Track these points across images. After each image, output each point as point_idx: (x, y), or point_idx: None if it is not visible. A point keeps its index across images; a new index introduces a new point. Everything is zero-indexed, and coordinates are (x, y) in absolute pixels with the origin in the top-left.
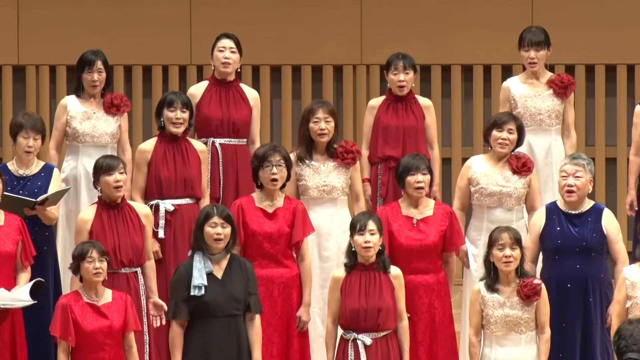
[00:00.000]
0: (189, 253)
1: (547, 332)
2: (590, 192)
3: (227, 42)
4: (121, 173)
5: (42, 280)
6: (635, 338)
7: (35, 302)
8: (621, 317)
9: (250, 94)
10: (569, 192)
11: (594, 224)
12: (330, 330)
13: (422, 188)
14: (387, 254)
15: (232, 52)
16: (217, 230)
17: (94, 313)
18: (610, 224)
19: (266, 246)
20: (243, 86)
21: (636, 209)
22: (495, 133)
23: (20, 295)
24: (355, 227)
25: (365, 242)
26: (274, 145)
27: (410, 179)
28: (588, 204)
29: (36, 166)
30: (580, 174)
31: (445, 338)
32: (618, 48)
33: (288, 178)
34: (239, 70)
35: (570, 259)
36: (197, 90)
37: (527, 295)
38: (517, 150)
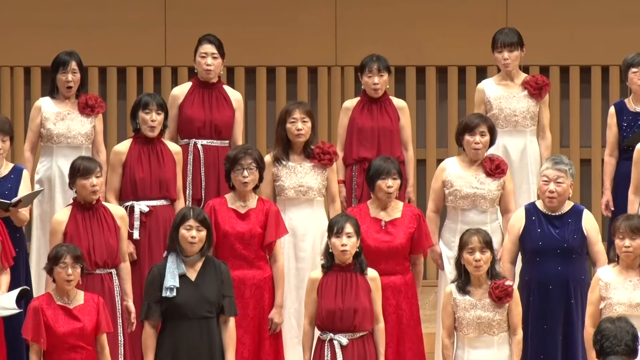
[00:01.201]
0: (164, 254)
1: (519, 333)
2: (570, 195)
3: (209, 48)
4: (97, 177)
5: (28, 288)
6: (618, 339)
7: (21, 310)
8: (595, 318)
9: (233, 95)
10: (550, 198)
11: (575, 225)
12: (307, 331)
13: (391, 193)
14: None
15: (214, 57)
16: (192, 233)
17: (65, 315)
18: (591, 225)
19: (238, 247)
20: (226, 88)
21: (612, 209)
22: (467, 137)
23: (5, 304)
24: (333, 229)
25: (342, 245)
26: (245, 147)
27: (380, 183)
28: (567, 205)
29: (5, 168)
30: (562, 179)
31: (412, 339)
32: (593, 49)
33: (261, 180)
34: (221, 72)
35: (552, 260)
36: (180, 91)
37: (499, 297)
38: (491, 151)
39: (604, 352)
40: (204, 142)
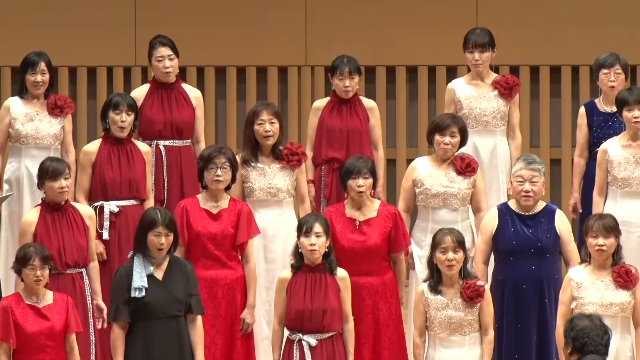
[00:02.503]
0: (129, 255)
1: (491, 333)
2: (543, 194)
3: (164, 51)
4: (66, 178)
5: None
6: (595, 341)
7: None
8: (566, 318)
9: (193, 93)
10: (526, 197)
11: (548, 225)
12: (276, 331)
13: (362, 192)
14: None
15: (171, 59)
16: (161, 240)
17: (35, 315)
18: (563, 225)
19: (210, 247)
20: (185, 86)
21: (580, 210)
22: (437, 137)
23: None
24: (302, 229)
25: (311, 244)
26: (219, 147)
27: (351, 182)
28: (540, 205)
29: None
30: (537, 179)
31: (390, 339)
32: (563, 49)
33: (234, 180)
34: (177, 71)
35: (525, 260)
36: (138, 93)
37: (470, 297)
38: (461, 150)
39: (577, 349)
40: (166, 142)
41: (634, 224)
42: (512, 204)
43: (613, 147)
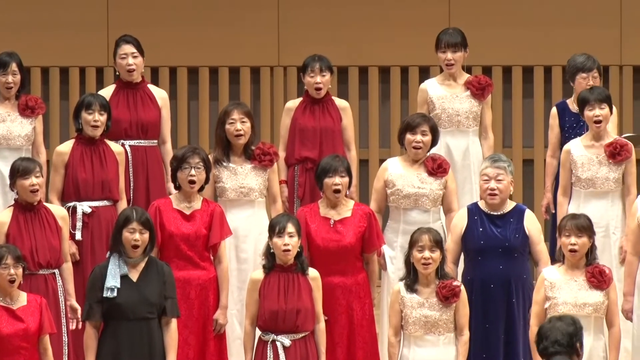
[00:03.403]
0: (107, 255)
1: (466, 334)
2: (511, 192)
3: (127, 48)
4: (37, 177)
5: None
6: (553, 341)
7: None
8: (540, 318)
9: (158, 94)
10: (492, 195)
11: (517, 224)
12: (248, 332)
13: (339, 191)
14: (306, 255)
15: (134, 57)
16: (135, 236)
17: (9, 317)
18: (532, 225)
19: (183, 248)
20: (151, 87)
21: (552, 211)
22: (408, 136)
23: None
24: (274, 229)
25: (284, 244)
26: (193, 147)
27: (327, 181)
28: (510, 205)
29: None
30: (502, 177)
31: (364, 339)
32: (535, 49)
33: (207, 180)
34: (142, 71)
35: (494, 259)
36: (104, 94)
37: (446, 297)
38: (434, 151)
39: (547, 354)
40: (132, 142)
41: (598, 224)
42: (482, 204)
43: (576, 148)
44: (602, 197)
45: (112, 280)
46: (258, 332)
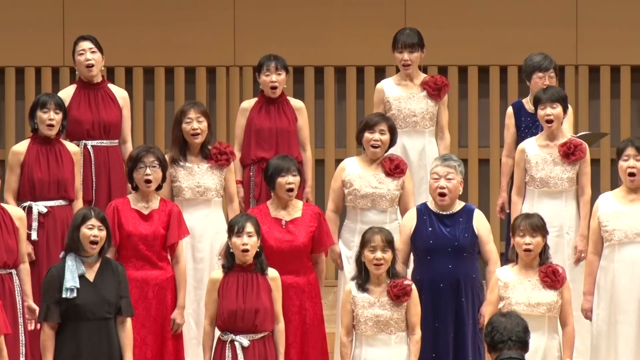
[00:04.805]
0: (61, 255)
1: (418, 333)
2: (461, 193)
3: (85, 44)
4: None
5: None
6: (509, 330)
7: None
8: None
9: (119, 93)
10: (441, 194)
11: (466, 224)
12: (207, 332)
13: (292, 190)
14: None
15: (92, 52)
16: (94, 232)
17: None
18: (481, 224)
19: (141, 248)
20: (111, 86)
21: (507, 211)
22: (367, 135)
23: None
24: (233, 229)
25: (243, 244)
26: (148, 146)
27: (280, 180)
28: (459, 205)
29: None
30: (452, 175)
31: (316, 339)
32: (491, 49)
33: (163, 179)
34: (103, 67)
35: (443, 259)
36: (65, 94)
37: (397, 296)
38: (390, 151)
39: (495, 345)
40: (94, 142)
41: (551, 224)
42: (431, 204)
43: (531, 147)
44: (555, 196)
45: (71, 281)
46: (217, 332)
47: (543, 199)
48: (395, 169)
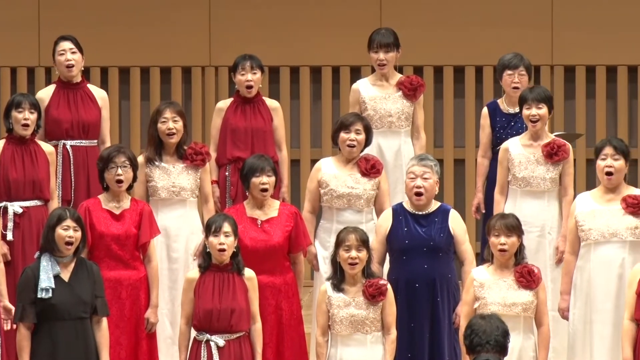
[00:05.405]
0: (36, 255)
1: (393, 332)
2: (437, 193)
3: (66, 45)
4: None
5: None
6: (487, 334)
7: None
8: (469, 318)
9: (98, 94)
10: (418, 193)
11: (441, 224)
12: (183, 332)
13: (266, 190)
14: None
15: (73, 52)
16: (69, 233)
17: None
18: (457, 224)
19: (114, 248)
20: (90, 87)
21: (483, 211)
22: (342, 135)
23: None
24: (211, 229)
25: (220, 244)
26: (118, 146)
27: (255, 180)
28: (434, 205)
29: None
30: (428, 175)
31: (293, 339)
32: (466, 49)
33: (134, 179)
34: (82, 68)
35: (418, 258)
36: (44, 94)
37: (373, 295)
38: (366, 151)
39: (474, 348)
40: (73, 142)
41: (533, 224)
42: (407, 204)
43: (514, 146)
44: (538, 196)
45: (47, 281)
46: (193, 332)
47: (525, 198)
48: (371, 169)
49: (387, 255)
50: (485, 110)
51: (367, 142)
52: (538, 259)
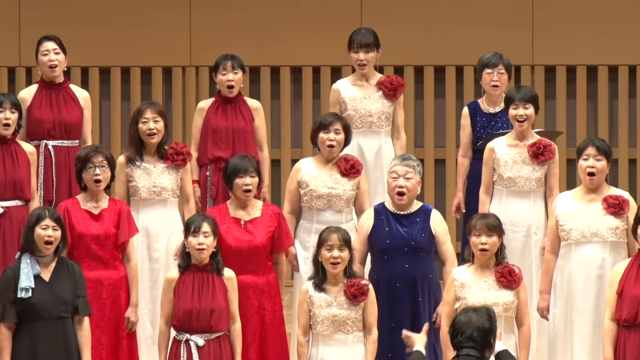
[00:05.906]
0: (17, 255)
1: (374, 332)
2: (419, 193)
3: (49, 45)
4: None
5: None
6: (464, 330)
7: None
8: (450, 319)
9: (81, 94)
10: (400, 193)
11: (423, 224)
12: (162, 332)
13: (250, 190)
14: None
15: (56, 53)
16: (49, 232)
17: None
18: (439, 224)
19: (94, 248)
20: (73, 87)
21: (463, 210)
22: (322, 135)
23: None
24: (190, 229)
25: (199, 244)
26: (96, 146)
27: (238, 181)
28: (416, 205)
29: None
30: (411, 175)
31: (275, 339)
32: (446, 49)
33: (112, 179)
34: (65, 69)
35: (399, 258)
36: (27, 94)
37: (354, 295)
38: (346, 152)
39: (454, 344)
40: (55, 142)
41: (519, 224)
42: (388, 204)
43: (500, 146)
44: (524, 196)
45: (26, 281)
46: (173, 332)
47: (511, 198)
48: (350, 169)
49: (369, 255)
50: (465, 110)
51: (347, 141)
52: (524, 259)
